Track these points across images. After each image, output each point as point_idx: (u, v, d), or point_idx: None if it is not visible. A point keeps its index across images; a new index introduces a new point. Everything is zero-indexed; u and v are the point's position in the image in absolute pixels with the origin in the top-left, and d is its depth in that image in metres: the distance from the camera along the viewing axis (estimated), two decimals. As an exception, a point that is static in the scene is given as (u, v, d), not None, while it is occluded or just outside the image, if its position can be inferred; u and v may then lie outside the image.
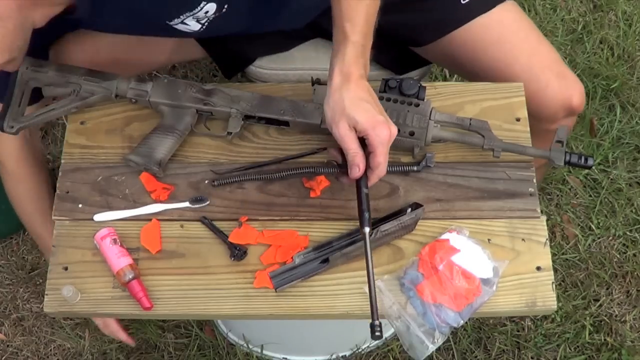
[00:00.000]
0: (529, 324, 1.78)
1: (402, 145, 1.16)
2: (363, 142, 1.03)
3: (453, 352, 1.74)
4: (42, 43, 1.26)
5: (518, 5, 1.39)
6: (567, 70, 1.35)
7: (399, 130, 1.14)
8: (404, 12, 1.37)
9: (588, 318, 1.78)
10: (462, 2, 1.34)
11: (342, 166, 1.08)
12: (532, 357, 1.75)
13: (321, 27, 1.39)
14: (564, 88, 1.32)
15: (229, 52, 1.45)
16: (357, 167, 1.03)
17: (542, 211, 1.21)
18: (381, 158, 1.03)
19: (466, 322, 1.22)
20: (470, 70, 1.37)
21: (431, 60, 1.47)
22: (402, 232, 1.11)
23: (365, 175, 1.05)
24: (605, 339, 1.76)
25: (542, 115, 1.27)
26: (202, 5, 1.07)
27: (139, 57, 1.38)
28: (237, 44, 1.42)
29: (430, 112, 1.15)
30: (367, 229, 1.02)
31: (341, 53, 1.04)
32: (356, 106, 1.02)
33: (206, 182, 1.17)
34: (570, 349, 1.76)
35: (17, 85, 1.19)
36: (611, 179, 1.96)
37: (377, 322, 0.97)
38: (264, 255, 1.11)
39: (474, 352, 1.75)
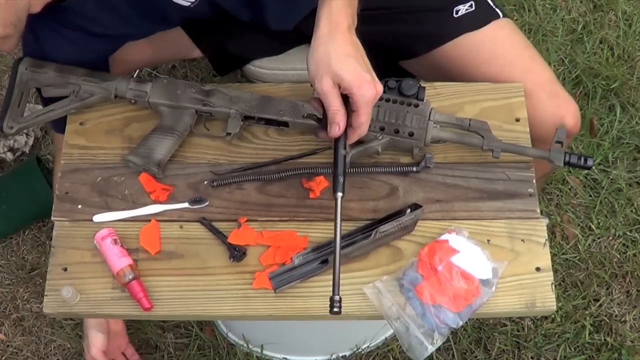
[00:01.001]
0: (529, 324, 1.78)
1: (401, 146, 1.16)
2: (346, 99, 1.01)
3: (453, 352, 1.74)
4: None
5: (513, 21, 1.38)
6: (560, 89, 1.33)
7: (398, 131, 1.14)
8: (394, 23, 1.36)
9: (588, 318, 1.78)
10: (455, 15, 1.33)
11: (322, 120, 1.05)
12: (532, 357, 1.75)
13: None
14: (556, 107, 1.30)
15: (221, 52, 1.45)
16: (337, 125, 1.01)
17: (541, 212, 1.21)
18: (364, 118, 1.01)
19: (466, 322, 1.22)
20: None
21: (421, 76, 1.45)
22: (402, 233, 1.11)
23: (345, 134, 1.03)
24: (605, 339, 1.76)
25: (535, 134, 1.26)
26: None
27: (133, 54, 1.37)
28: (230, 44, 1.42)
29: (430, 112, 1.15)
30: (339, 195, 1.01)
31: (327, 2, 1.01)
32: (342, 62, 0.99)
33: (205, 182, 1.17)
34: (570, 349, 1.75)
35: (17, 86, 1.19)
36: (611, 179, 1.96)
37: (337, 297, 0.96)
38: (263, 256, 1.11)
39: (474, 352, 1.75)
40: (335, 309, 0.95)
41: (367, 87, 0.98)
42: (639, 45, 2.18)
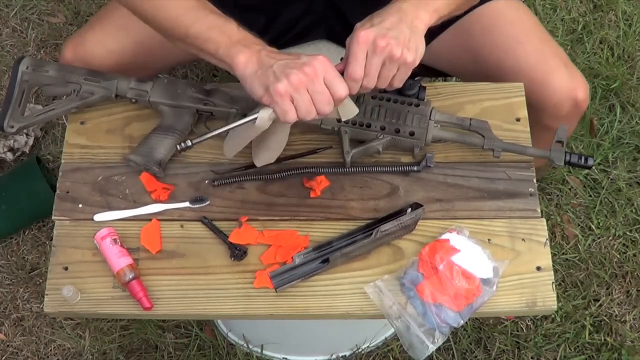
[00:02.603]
0: (529, 324, 1.78)
1: (402, 145, 1.16)
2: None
3: (453, 352, 1.74)
4: None
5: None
6: (574, 66, 1.35)
7: (399, 130, 1.15)
8: None
9: (588, 318, 1.78)
10: None
11: None
12: (532, 357, 1.75)
13: (330, 27, 1.38)
14: (571, 78, 1.30)
15: None
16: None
17: (542, 211, 1.21)
18: (351, 57, 1.00)
19: (466, 322, 1.22)
20: (479, 50, 1.35)
21: (437, 55, 1.42)
22: (402, 232, 1.11)
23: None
24: (605, 339, 1.76)
25: (546, 105, 1.25)
26: None
27: (158, 58, 1.37)
28: None
29: (430, 112, 1.15)
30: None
31: None
32: (381, 14, 1.01)
33: (206, 182, 1.17)
34: (570, 349, 1.75)
35: (18, 85, 1.19)
36: (611, 179, 1.96)
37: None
38: (264, 255, 1.11)
39: (474, 352, 1.75)
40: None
41: (364, 31, 0.98)
42: (639, 45, 2.18)
